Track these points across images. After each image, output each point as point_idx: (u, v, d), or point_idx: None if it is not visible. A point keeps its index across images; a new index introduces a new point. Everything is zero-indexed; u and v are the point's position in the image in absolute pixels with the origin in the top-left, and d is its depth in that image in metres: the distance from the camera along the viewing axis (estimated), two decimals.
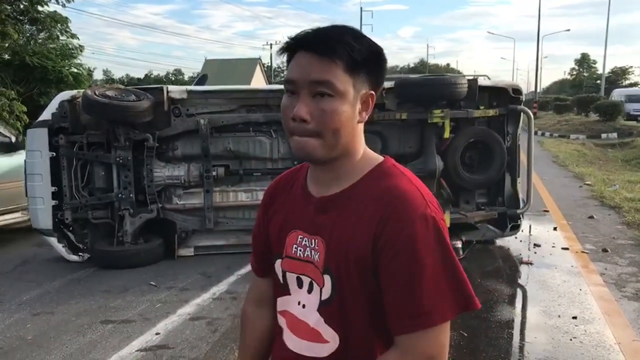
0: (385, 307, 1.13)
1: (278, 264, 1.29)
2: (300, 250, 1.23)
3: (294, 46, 1.15)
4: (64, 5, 19.52)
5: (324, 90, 1.11)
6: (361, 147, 1.22)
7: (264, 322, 1.42)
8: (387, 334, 1.15)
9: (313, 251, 1.21)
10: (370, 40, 1.16)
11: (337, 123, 1.12)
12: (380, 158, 1.24)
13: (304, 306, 1.24)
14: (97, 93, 5.81)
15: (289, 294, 1.28)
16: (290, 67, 1.16)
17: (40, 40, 19.86)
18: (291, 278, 1.26)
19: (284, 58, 1.18)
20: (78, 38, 20.52)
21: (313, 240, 1.21)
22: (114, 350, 3.90)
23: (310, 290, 1.22)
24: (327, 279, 1.18)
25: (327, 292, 1.19)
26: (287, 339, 1.28)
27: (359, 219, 1.15)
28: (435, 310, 1.08)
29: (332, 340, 1.20)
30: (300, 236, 1.24)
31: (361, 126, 1.21)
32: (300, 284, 1.25)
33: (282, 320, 1.31)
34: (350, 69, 1.12)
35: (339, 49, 1.10)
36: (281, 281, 1.29)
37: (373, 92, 1.18)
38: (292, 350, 1.26)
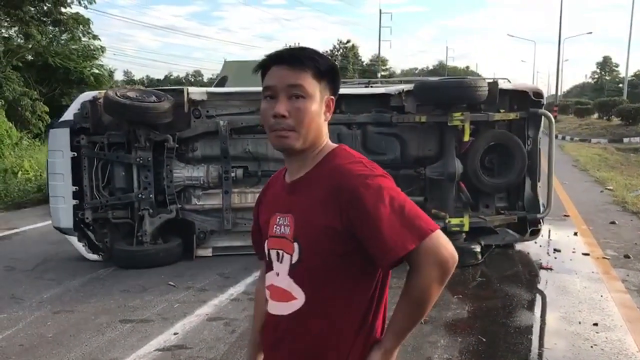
0: (369, 254, 1.37)
1: (266, 244, 1.55)
2: (277, 229, 1.50)
3: (269, 63, 1.46)
4: (86, 7, 19.78)
5: (297, 92, 1.41)
6: (323, 141, 1.51)
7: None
8: (349, 292, 1.42)
9: (284, 227, 1.48)
10: (328, 59, 1.50)
11: (309, 118, 1.42)
12: (335, 145, 1.52)
13: (278, 274, 1.50)
14: (118, 94, 5.87)
15: (272, 269, 1.52)
16: (268, 77, 1.45)
17: (62, 42, 20.14)
18: (273, 254, 1.51)
19: (256, 72, 1.50)
20: (100, 39, 20.80)
21: (285, 218, 1.48)
22: (132, 349, 3.93)
23: (281, 260, 1.48)
24: (296, 246, 1.44)
25: (295, 256, 1.44)
26: (270, 307, 1.54)
27: (318, 194, 1.42)
28: (397, 245, 1.32)
29: (299, 297, 1.45)
30: (278, 217, 1.50)
31: (326, 124, 1.50)
32: (278, 257, 1.50)
33: (267, 293, 1.55)
34: (317, 77, 1.43)
35: (307, 61, 1.43)
36: (267, 258, 1.55)
37: (333, 98, 1.50)
38: (273, 313, 1.52)
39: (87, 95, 6.10)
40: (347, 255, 1.40)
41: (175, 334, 4.19)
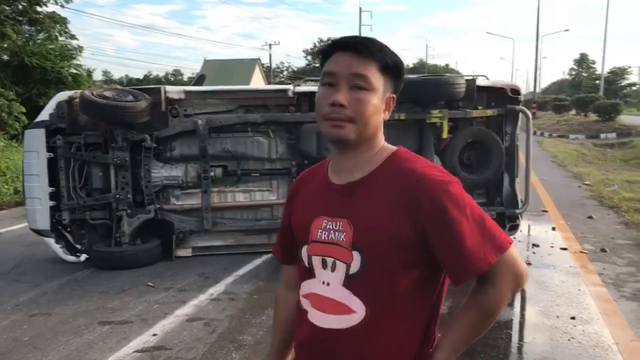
0: (445, 269, 1.32)
1: (304, 250, 1.42)
2: (324, 234, 1.37)
3: (334, 48, 1.35)
4: (62, 6, 19.52)
5: (361, 83, 1.31)
6: (381, 140, 1.41)
7: (292, 304, 1.56)
8: (412, 304, 1.33)
9: (337, 232, 1.35)
10: (396, 54, 1.38)
11: (369, 112, 1.32)
12: (395, 148, 1.42)
13: (328, 284, 1.37)
14: (94, 93, 5.80)
15: (314, 277, 1.40)
16: (330, 63, 1.34)
17: (39, 41, 19.84)
18: (316, 261, 1.39)
19: (319, 57, 1.39)
20: (77, 39, 20.52)
21: (338, 223, 1.35)
22: (111, 351, 3.89)
23: (333, 269, 1.36)
24: (356, 254, 1.32)
25: (355, 266, 1.32)
26: (314, 318, 1.40)
27: (386, 199, 1.31)
28: (480, 259, 1.26)
29: (358, 310, 1.33)
30: (324, 221, 1.38)
31: (383, 123, 1.40)
32: (324, 265, 1.38)
33: (305, 302, 1.43)
34: (382, 70, 1.33)
35: (376, 52, 1.32)
36: (307, 265, 1.42)
37: (394, 96, 1.39)
38: (321, 326, 1.38)
39: (63, 95, 6.03)
40: (412, 267, 1.31)
41: (154, 335, 4.16)
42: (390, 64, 1.34)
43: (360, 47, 1.32)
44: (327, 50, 1.37)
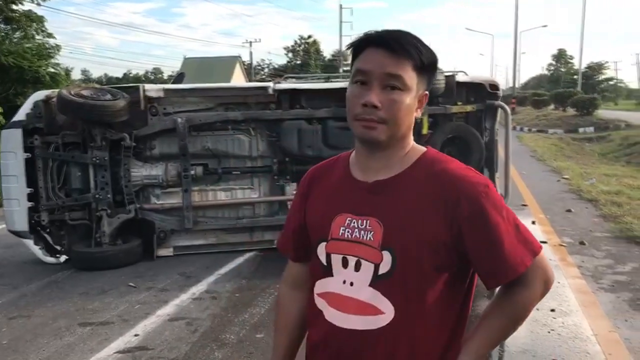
0: (479, 272, 1.31)
1: (322, 247, 1.37)
2: (348, 232, 1.33)
3: (366, 43, 1.29)
4: (39, 4, 19.25)
5: (395, 83, 1.26)
6: (412, 140, 1.37)
7: (298, 304, 1.53)
8: (440, 307, 1.30)
9: (364, 231, 1.31)
10: (432, 50, 1.32)
11: (402, 113, 1.28)
12: (424, 149, 1.38)
13: (351, 284, 1.32)
14: (72, 93, 5.74)
15: (331, 275, 1.36)
16: (362, 60, 1.29)
17: (15, 40, 19.55)
18: (336, 259, 1.35)
19: (350, 50, 1.33)
20: (55, 37, 20.25)
21: (365, 221, 1.31)
22: (91, 352, 3.86)
23: (357, 269, 1.31)
24: (387, 254, 1.28)
25: (385, 267, 1.28)
26: (333, 318, 1.35)
27: (420, 200, 1.29)
28: (516, 262, 1.27)
29: (387, 311, 1.29)
30: (348, 218, 1.33)
31: (414, 121, 1.36)
32: (345, 263, 1.33)
33: (322, 302, 1.38)
34: (417, 69, 1.27)
35: (411, 49, 1.26)
36: (324, 263, 1.37)
37: (427, 93, 1.35)
38: (341, 326, 1.33)
39: (40, 94, 5.95)
40: (443, 270, 1.29)
41: (136, 335, 4.13)
42: (425, 62, 1.29)
43: (395, 45, 1.26)
44: (359, 46, 1.31)
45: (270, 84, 6.31)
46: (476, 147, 6.28)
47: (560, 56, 73.21)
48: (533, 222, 7.36)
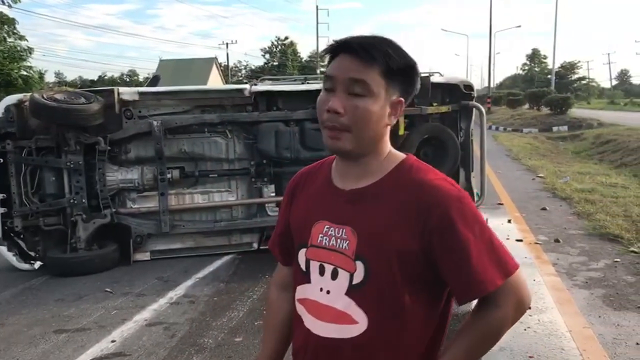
0: (448, 284, 1.27)
1: (302, 253, 1.37)
2: (326, 240, 1.32)
3: (337, 49, 1.27)
4: (10, 6, 19.01)
5: (359, 89, 1.23)
6: (387, 146, 1.34)
7: (287, 306, 1.52)
8: (415, 320, 1.28)
9: (340, 240, 1.30)
10: (407, 54, 1.29)
11: (366, 120, 1.24)
12: (403, 155, 1.36)
13: (328, 292, 1.31)
14: (45, 96, 5.66)
15: (309, 282, 1.35)
16: (331, 66, 1.28)
17: None
18: (314, 266, 1.34)
19: (324, 56, 1.33)
20: (27, 40, 20.07)
21: (341, 230, 1.30)
22: None
23: (334, 277, 1.30)
24: (360, 264, 1.27)
25: (359, 276, 1.27)
26: (311, 325, 1.35)
27: (394, 209, 1.26)
28: (486, 280, 1.22)
29: (361, 321, 1.28)
30: (326, 226, 1.32)
31: (388, 129, 1.33)
32: (322, 271, 1.32)
33: (301, 308, 1.38)
34: (385, 75, 1.24)
35: (377, 55, 1.23)
36: (303, 269, 1.37)
37: (402, 99, 1.30)
38: (318, 334, 1.33)
39: (12, 98, 5.85)
40: (416, 281, 1.26)
41: (112, 341, 4.08)
42: (394, 68, 1.25)
43: (360, 50, 1.24)
44: (332, 52, 1.29)
45: (247, 86, 6.30)
46: (452, 147, 6.34)
47: (534, 56, 74.28)
48: (509, 221, 7.45)
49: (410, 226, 1.24)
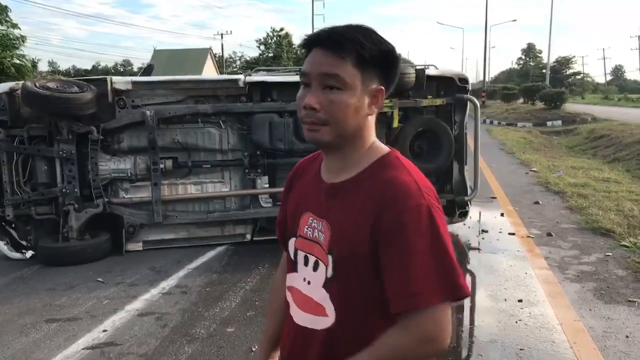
0: (385, 288, 1.21)
1: (292, 242, 1.40)
2: (309, 231, 1.34)
3: (310, 43, 1.27)
4: None
5: (332, 82, 1.22)
6: (370, 138, 1.32)
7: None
8: (383, 317, 1.24)
9: (319, 232, 1.31)
10: (382, 40, 1.26)
11: (343, 113, 1.23)
12: (387, 150, 1.33)
13: (309, 282, 1.34)
14: (37, 85, 5.62)
15: (296, 271, 1.38)
16: (305, 61, 1.27)
17: None
18: (300, 256, 1.37)
19: (301, 51, 1.33)
20: (19, 28, 19.85)
21: (320, 223, 1.32)
22: (58, 349, 3.79)
23: (315, 269, 1.32)
24: (330, 259, 1.28)
25: (330, 271, 1.29)
26: (294, 312, 1.39)
27: (361, 206, 1.24)
28: (424, 292, 1.16)
29: (330, 314, 1.29)
30: (310, 218, 1.34)
31: (371, 119, 1.31)
32: (306, 262, 1.35)
33: (289, 295, 1.42)
34: (359, 65, 1.22)
35: (348, 46, 1.21)
36: (292, 258, 1.40)
37: (383, 88, 1.28)
38: (298, 323, 1.37)
39: (4, 86, 5.79)
40: (375, 280, 1.23)
41: (104, 331, 4.07)
42: (368, 56, 1.22)
43: (330, 43, 1.22)
44: (306, 47, 1.28)
45: (241, 77, 6.26)
46: (446, 140, 6.34)
47: (530, 50, 74.33)
48: (502, 214, 7.47)
49: (369, 224, 1.21)
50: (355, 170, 1.30)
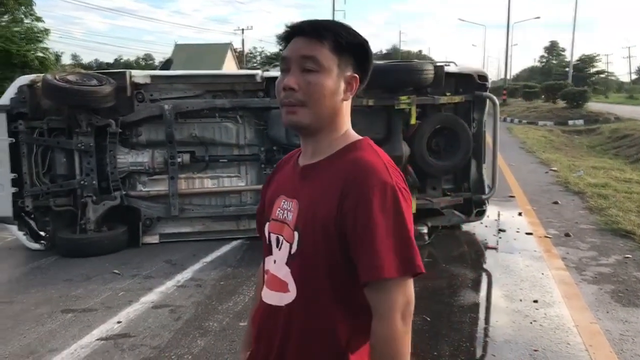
0: (354, 263, 1.27)
1: (267, 227, 1.45)
2: (280, 213, 1.39)
3: (291, 34, 1.35)
4: None
5: (310, 64, 1.29)
6: (344, 125, 1.39)
7: None
8: (342, 298, 1.30)
9: (288, 212, 1.37)
10: (356, 32, 1.35)
11: (320, 94, 1.30)
12: (359, 137, 1.40)
13: (274, 261, 1.40)
14: (57, 77, 5.68)
15: (271, 254, 1.43)
16: (285, 48, 1.35)
17: (3, 23, 19.33)
18: (273, 238, 1.42)
19: (280, 44, 1.42)
20: (43, 21, 20.10)
21: (290, 203, 1.37)
22: (73, 339, 3.83)
23: (279, 247, 1.39)
24: (296, 235, 1.33)
25: (294, 247, 1.34)
26: (263, 293, 1.44)
27: (328, 183, 1.30)
28: (385, 265, 1.22)
29: (292, 290, 1.34)
30: (283, 200, 1.40)
31: (346, 105, 1.38)
32: (277, 243, 1.40)
33: (265, 278, 1.46)
34: (335, 50, 1.30)
35: (325, 32, 1.30)
36: (267, 242, 1.45)
37: (357, 76, 1.36)
38: (265, 301, 1.42)
39: (25, 79, 5.87)
40: (337, 257, 1.29)
41: (118, 322, 4.11)
42: (343, 43, 1.31)
43: (309, 30, 1.31)
44: (285, 37, 1.36)
45: (259, 72, 6.27)
46: (464, 138, 6.29)
47: (553, 48, 73.41)
48: (520, 214, 7.39)
49: (334, 202, 1.27)
50: (326, 152, 1.36)
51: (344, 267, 1.29)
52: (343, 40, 1.31)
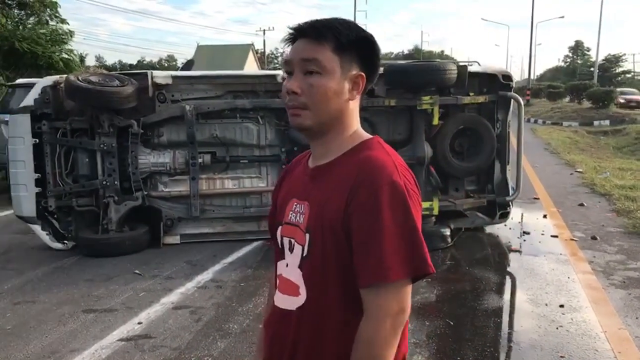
0: (354, 264, 1.24)
1: (279, 231, 1.42)
2: (293, 216, 1.37)
3: (294, 36, 1.33)
4: None
5: (312, 67, 1.28)
6: (353, 125, 1.36)
7: None
8: (353, 299, 1.26)
9: (300, 215, 1.34)
10: (359, 27, 1.32)
11: (323, 96, 1.28)
12: (369, 136, 1.37)
13: (287, 265, 1.38)
14: (80, 78, 5.71)
15: (283, 258, 1.41)
16: (288, 52, 1.33)
17: (29, 25, 19.60)
18: (286, 242, 1.39)
19: (284, 46, 1.36)
20: (68, 23, 20.29)
21: (302, 205, 1.35)
22: (94, 339, 3.84)
23: (292, 250, 1.36)
24: (307, 238, 1.31)
25: (306, 250, 1.32)
26: (276, 297, 1.42)
27: (337, 181, 1.29)
28: (393, 266, 1.19)
29: (302, 293, 1.33)
30: (295, 203, 1.37)
31: (353, 104, 1.35)
32: (290, 247, 1.38)
33: (277, 283, 1.44)
34: (337, 50, 1.28)
35: (325, 32, 1.28)
36: (280, 246, 1.42)
37: (363, 74, 1.32)
38: (278, 305, 1.40)
39: (48, 80, 5.92)
40: (345, 257, 1.26)
41: (139, 323, 4.11)
42: (345, 42, 1.28)
43: (309, 31, 1.30)
44: (290, 40, 1.35)
45: (280, 72, 6.24)
46: (488, 138, 6.19)
47: (577, 48, 72.39)
48: (545, 216, 7.26)
49: (342, 199, 1.25)
50: (336, 153, 1.35)
51: (353, 269, 1.26)
52: (344, 39, 1.29)
